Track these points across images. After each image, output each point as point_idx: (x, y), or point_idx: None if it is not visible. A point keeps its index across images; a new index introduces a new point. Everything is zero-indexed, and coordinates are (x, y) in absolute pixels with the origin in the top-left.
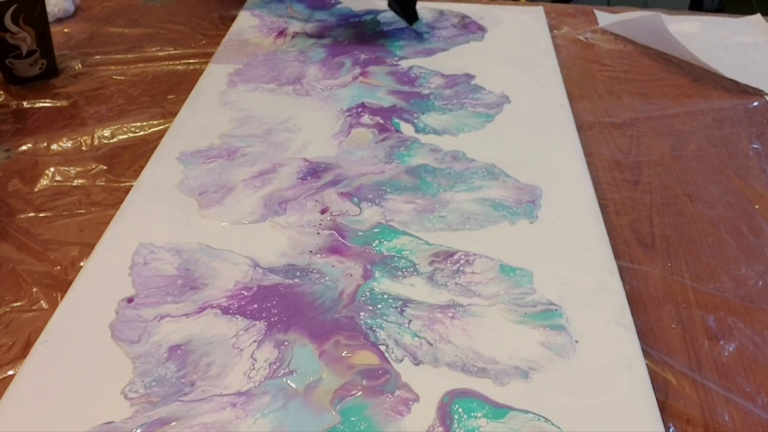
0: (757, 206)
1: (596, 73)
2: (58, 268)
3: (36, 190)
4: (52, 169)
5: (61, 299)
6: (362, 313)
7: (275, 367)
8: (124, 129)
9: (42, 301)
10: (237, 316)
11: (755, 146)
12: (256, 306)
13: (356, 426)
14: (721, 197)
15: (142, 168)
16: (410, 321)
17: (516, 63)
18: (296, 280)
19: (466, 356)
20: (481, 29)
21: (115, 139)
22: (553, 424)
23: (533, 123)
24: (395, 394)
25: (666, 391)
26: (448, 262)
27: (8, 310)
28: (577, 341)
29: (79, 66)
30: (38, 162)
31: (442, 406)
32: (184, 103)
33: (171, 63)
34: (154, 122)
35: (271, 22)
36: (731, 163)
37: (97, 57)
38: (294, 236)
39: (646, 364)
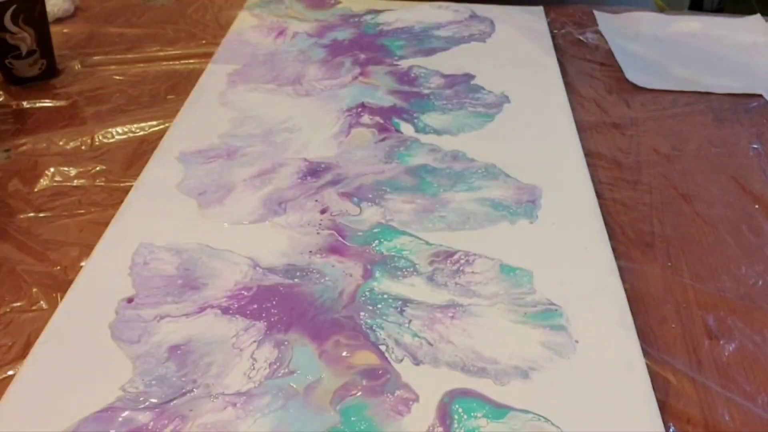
0: (757, 206)
1: (596, 73)
2: (58, 268)
3: (36, 190)
4: (52, 169)
5: (61, 299)
6: (362, 313)
7: (275, 367)
8: (124, 129)
9: (42, 301)
10: (237, 316)
11: (755, 146)
12: (256, 306)
13: (356, 426)
14: (721, 197)
15: (142, 168)
16: (410, 321)
17: (516, 63)
18: (296, 280)
19: (466, 356)
20: (488, 30)
21: (115, 139)
22: (553, 424)
23: (533, 123)
24: (395, 394)
25: (666, 391)
26: (448, 262)
27: (8, 310)
28: (577, 341)
29: (79, 66)
30: (38, 162)
31: (442, 406)
32: (184, 103)
33: (171, 63)
34: (154, 122)
35: (271, 22)
36: (731, 163)
37: (97, 57)
38: (294, 236)
39: (646, 364)
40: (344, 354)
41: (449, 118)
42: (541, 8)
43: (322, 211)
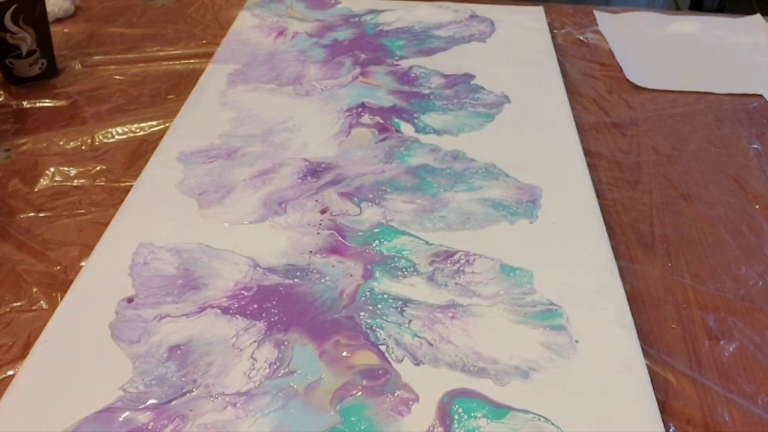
0: (757, 206)
1: (596, 73)
2: (58, 268)
3: (36, 190)
4: (52, 169)
5: (61, 299)
6: (362, 313)
7: (275, 367)
8: (124, 129)
9: (42, 301)
10: (237, 316)
11: (755, 146)
12: (256, 306)
13: (356, 426)
14: (721, 197)
15: (142, 168)
16: (410, 321)
17: (516, 63)
18: (296, 280)
19: (466, 356)
20: (488, 30)
21: (115, 139)
22: (553, 424)
23: (533, 123)
24: (395, 394)
25: (666, 391)
26: (448, 262)
27: (8, 310)
28: (577, 341)
29: (79, 66)
30: (38, 162)
31: (442, 406)
32: (184, 103)
33: (171, 63)
34: (154, 122)
35: (271, 22)
36: (731, 163)
37: (97, 57)
38: (294, 236)
39: (646, 364)
40: (344, 354)
41: (449, 118)
42: (541, 8)
43: (322, 211)
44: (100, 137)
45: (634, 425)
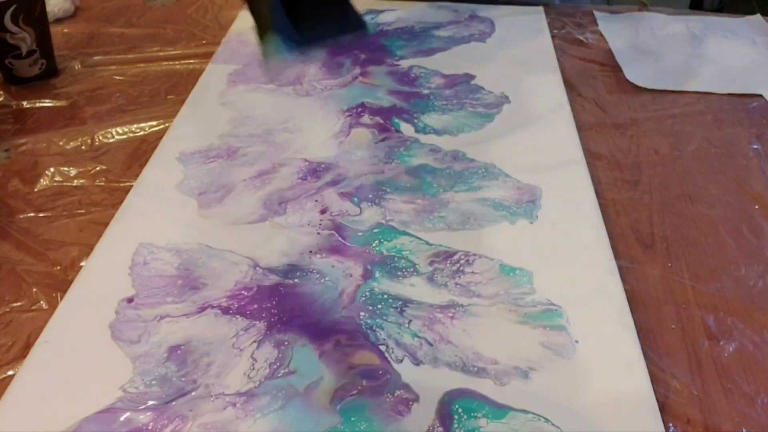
0: (757, 206)
1: (596, 73)
2: (58, 268)
3: (36, 190)
4: (52, 169)
5: (61, 299)
6: (362, 313)
7: (275, 367)
8: (124, 129)
9: (42, 301)
10: (237, 316)
11: (755, 146)
12: (256, 306)
13: (356, 426)
14: (721, 197)
15: (142, 168)
16: (410, 321)
17: (516, 63)
18: (296, 280)
19: (466, 356)
20: (488, 30)
21: (115, 139)
22: (553, 424)
23: (533, 123)
24: (395, 394)
25: (666, 391)
26: (448, 262)
27: (8, 310)
28: (577, 341)
29: (79, 66)
30: (38, 162)
31: (442, 406)
32: (184, 103)
33: (171, 63)
34: (154, 122)
35: None
36: (731, 163)
37: (97, 57)
38: (294, 236)
39: (646, 364)
40: (344, 354)
41: (449, 118)
42: (541, 8)
43: (322, 211)
44: (100, 137)
45: (634, 425)
